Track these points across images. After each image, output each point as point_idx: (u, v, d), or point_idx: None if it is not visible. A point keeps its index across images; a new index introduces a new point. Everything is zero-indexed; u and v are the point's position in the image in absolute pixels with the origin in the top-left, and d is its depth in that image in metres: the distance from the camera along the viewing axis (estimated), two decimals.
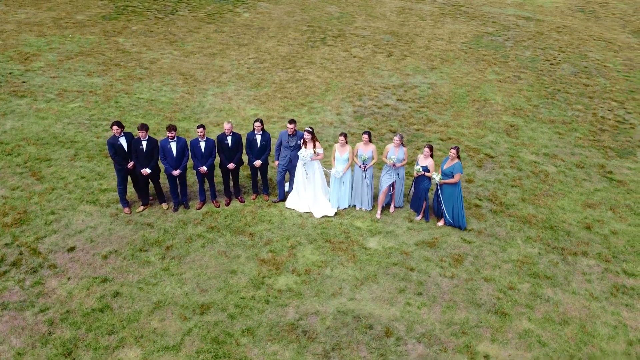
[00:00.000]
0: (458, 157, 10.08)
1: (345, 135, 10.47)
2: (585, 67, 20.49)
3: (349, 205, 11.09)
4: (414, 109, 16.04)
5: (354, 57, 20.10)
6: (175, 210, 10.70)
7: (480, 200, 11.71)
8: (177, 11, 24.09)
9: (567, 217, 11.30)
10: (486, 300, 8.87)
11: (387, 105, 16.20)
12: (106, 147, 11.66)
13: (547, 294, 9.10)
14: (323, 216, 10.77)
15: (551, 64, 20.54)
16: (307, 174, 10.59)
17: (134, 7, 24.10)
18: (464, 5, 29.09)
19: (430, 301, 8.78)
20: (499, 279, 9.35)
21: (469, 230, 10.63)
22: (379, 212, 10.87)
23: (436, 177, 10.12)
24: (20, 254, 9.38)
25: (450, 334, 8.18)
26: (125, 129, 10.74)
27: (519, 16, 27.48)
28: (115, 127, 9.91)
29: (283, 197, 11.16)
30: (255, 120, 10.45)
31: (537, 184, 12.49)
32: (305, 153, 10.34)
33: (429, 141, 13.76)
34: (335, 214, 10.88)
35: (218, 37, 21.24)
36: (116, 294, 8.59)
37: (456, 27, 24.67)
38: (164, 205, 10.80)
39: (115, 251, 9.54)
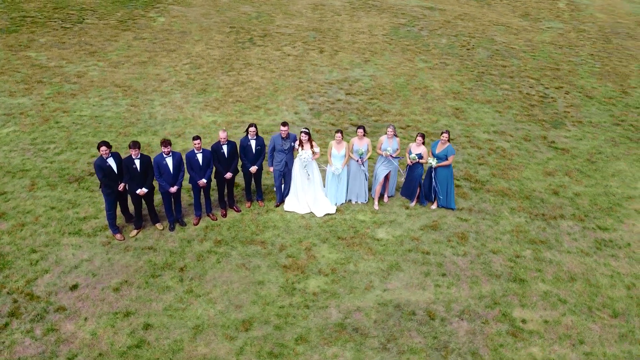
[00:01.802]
0: (448, 140, 10.65)
1: (341, 132, 10.57)
2: (497, 50, 22.40)
3: (346, 201, 11.21)
4: (365, 101, 16.50)
5: (289, 55, 20.11)
6: (172, 229, 10.11)
7: (457, 180, 12.43)
8: (84, 19, 22.31)
9: (535, 186, 12.43)
10: (502, 270, 9.54)
11: (339, 100, 16.48)
12: (64, 172, 10.75)
13: (547, 257, 10.00)
14: (325, 214, 10.79)
15: (467, 50, 22.15)
16: (309, 175, 10.54)
17: (33, 17, 21.91)
18: None
19: (455, 280, 9.26)
20: (504, 250, 10.09)
21: (460, 209, 11.29)
22: (376, 203, 11.15)
23: (432, 161, 10.61)
24: (15, 301, 8.32)
25: (484, 306, 8.71)
26: (79, 150, 10.00)
27: (422, 7, 29.17)
28: (103, 148, 9.11)
29: (281, 201, 11.00)
30: (250, 125, 10.18)
31: (499, 159, 13.54)
32: (305, 154, 10.28)
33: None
34: (336, 210, 10.94)
35: (141, 45, 20.06)
36: (147, 326, 7.98)
37: (372, 20, 25.61)
38: (159, 226, 10.15)
39: (126, 281, 8.82)
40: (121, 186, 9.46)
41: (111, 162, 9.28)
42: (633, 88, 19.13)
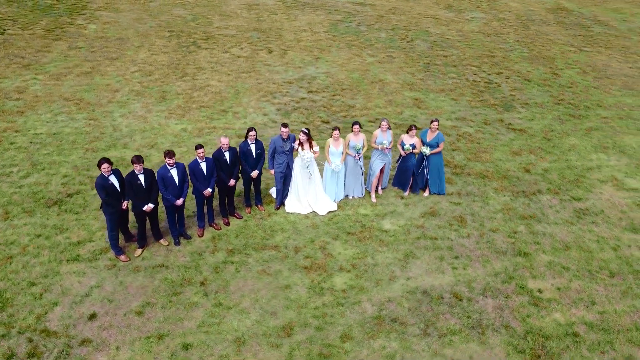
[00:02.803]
0: (437, 127, 11.11)
1: (339, 129, 10.66)
2: (434, 41, 23.47)
3: (344, 196, 11.34)
4: (329, 98, 16.67)
5: (238, 57, 19.80)
6: (178, 243, 9.71)
7: None
8: (5, 30, 20.51)
9: (507, 166, 13.28)
10: (506, 247, 10.15)
11: (303, 98, 16.53)
12: (38, 196, 10.03)
13: (539, 229, 10.78)
14: (328, 212, 10.86)
15: (408, 42, 23.02)
16: (310, 175, 10.54)
17: None
18: None
19: (468, 261, 9.72)
20: (502, 228, 10.73)
21: (450, 194, 11.82)
22: (373, 196, 11.39)
23: (426, 150, 11.01)
24: (31, 340, 7.63)
25: (502, 282, 9.25)
26: (47, 171, 9.46)
27: (353, 3, 29.81)
28: (105, 166, 8.55)
29: (281, 203, 10.91)
30: (250, 130, 10.00)
31: (469, 144, 14.30)
32: (307, 154, 10.27)
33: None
34: (337, 207, 11.05)
35: (79, 54, 18.83)
36: (186, 346, 7.65)
37: (310, 18, 25.80)
38: (163, 242, 9.70)
39: (147, 303, 8.37)
40: (124, 204, 8.92)
41: (113, 179, 8.72)
42: (561, 70, 20.88)
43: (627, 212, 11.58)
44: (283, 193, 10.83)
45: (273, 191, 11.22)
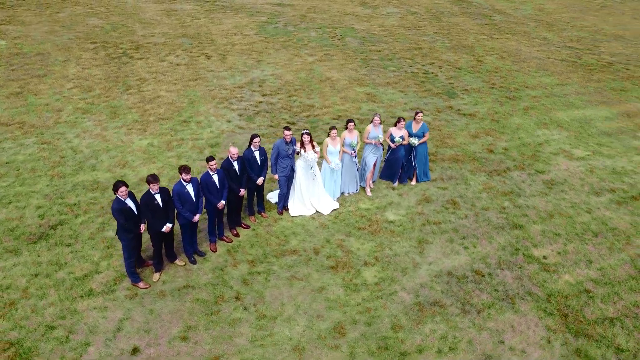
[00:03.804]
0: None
1: (336, 129, 10.81)
2: (363, 37, 24.27)
3: (340, 193, 11.54)
4: (285, 99, 16.69)
5: (178, 65, 19.09)
6: (194, 262, 9.33)
7: None
8: None
9: (473, 148, 14.25)
10: (502, 222, 10.97)
11: (260, 102, 16.40)
12: (16, 233, 9.22)
13: (522, 203, 11.76)
14: (332, 210, 10.99)
15: (339, 40, 23.59)
16: (315, 175, 10.59)
17: None
18: (210, 0, 29.80)
19: (474, 239, 10.39)
20: (491, 206, 11.56)
21: (434, 180, 12.47)
22: (368, 190, 11.70)
23: (415, 141, 11.52)
24: None
25: (510, 254, 10.01)
26: (16, 204, 8.92)
27: (271, 3, 29.84)
28: (122, 189, 7.99)
29: (283, 207, 10.85)
30: (254, 136, 9.82)
31: (432, 132, 15.10)
32: (311, 155, 10.32)
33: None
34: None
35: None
36: None
37: (234, 21, 25.45)
38: (179, 262, 9.27)
39: (189, 327, 8.00)
40: (142, 227, 8.40)
41: (130, 202, 8.17)
42: (482, 56, 22.60)
43: (584, 178, 12.97)
44: (286, 197, 10.75)
45: (271, 196, 11.10)
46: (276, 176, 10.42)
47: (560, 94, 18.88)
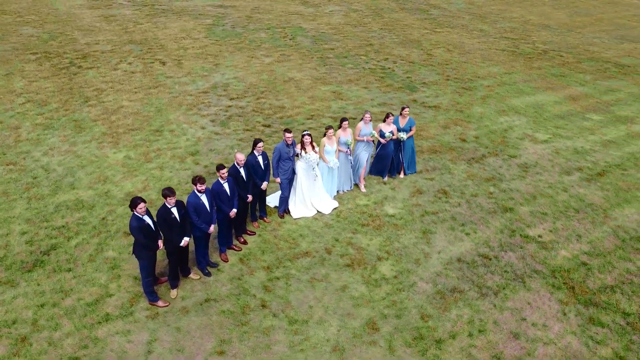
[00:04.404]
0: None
1: (333, 128, 10.87)
2: (313, 36, 24.42)
3: (337, 192, 11.64)
4: (254, 102, 16.53)
5: (133, 72, 18.34)
6: (209, 274, 9.09)
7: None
8: None
9: (446, 139, 14.82)
10: (492, 207, 11.53)
11: (230, 106, 16.14)
12: (5, 262, 8.63)
13: (505, 187, 12.40)
14: (333, 209, 11.07)
15: (290, 39, 23.60)
16: (316, 176, 10.61)
17: None
18: (154, 3, 28.86)
19: (474, 225, 10.86)
20: (479, 192, 12.11)
21: (420, 172, 12.87)
22: (362, 186, 11.88)
23: (403, 135, 11.83)
24: None
25: (509, 236, 10.56)
26: None
27: (213, 5, 29.29)
28: (141, 205, 7.64)
29: (284, 210, 10.80)
30: (258, 141, 9.68)
31: None
32: (313, 156, 10.33)
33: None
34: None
35: None
36: None
37: (180, 25, 24.76)
38: (194, 276, 9.00)
39: (222, 341, 7.81)
40: (160, 243, 8.08)
41: (147, 219, 7.83)
42: (431, 50, 23.46)
43: (552, 160, 13.87)
44: (287, 199, 10.69)
45: (269, 200, 10.99)
46: (278, 179, 10.33)
47: (509, 82, 19.98)
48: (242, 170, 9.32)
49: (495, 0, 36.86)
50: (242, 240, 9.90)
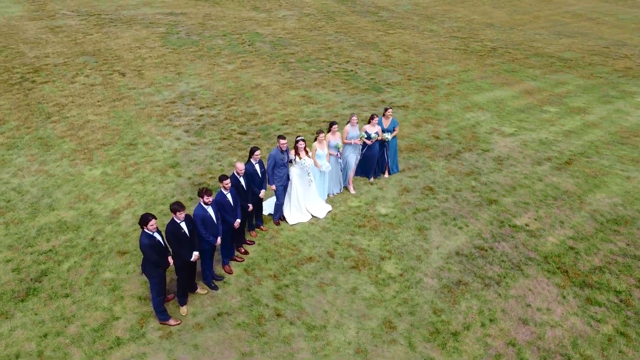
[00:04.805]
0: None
1: (323, 132, 10.92)
2: (271, 41, 24.38)
3: (328, 195, 11.70)
4: (225, 110, 16.31)
5: (92, 85, 17.64)
6: (216, 288, 8.91)
7: None
8: None
9: (420, 137, 15.22)
10: (477, 200, 11.95)
11: (201, 115, 15.85)
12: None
13: (485, 180, 12.88)
14: (327, 213, 11.12)
15: (249, 45, 23.45)
16: (311, 181, 10.61)
17: None
18: (101, 13, 27.86)
19: (464, 219, 11.21)
20: (462, 187, 12.51)
21: (403, 171, 13.15)
22: (351, 188, 12.00)
23: (388, 136, 12.06)
24: None
25: (498, 227, 10.98)
26: None
27: (162, 13, 28.60)
28: (153, 222, 7.38)
29: (280, 217, 10.74)
30: (255, 149, 9.58)
31: None
32: (308, 161, 10.33)
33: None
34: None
35: None
36: None
37: (132, 34, 24.04)
38: (201, 291, 8.79)
39: (244, 354, 7.68)
40: (170, 259, 7.84)
41: (157, 236, 7.58)
42: (388, 51, 23.99)
43: (522, 152, 14.54)
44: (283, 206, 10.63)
45: (264, 208, 10.89)
46: (273, 187, 10.25)
47: (467, 79, 20.74)
48: (242, 180, 9.18)
49: (439, 1, 38.13)
50: (243, 250, 9.75)
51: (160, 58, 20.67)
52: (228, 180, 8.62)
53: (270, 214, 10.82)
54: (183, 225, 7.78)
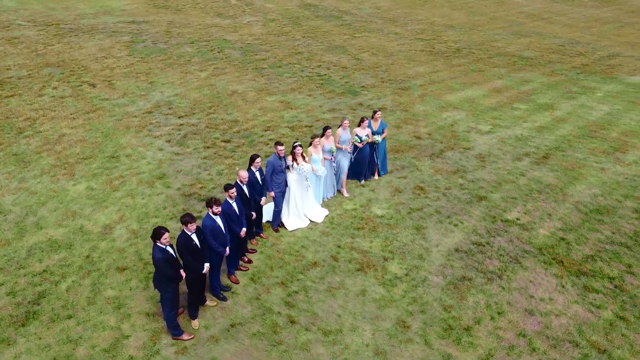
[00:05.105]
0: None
1: (318, 137, 10.94)
2: (240, 47, 24.22)
3: (322, 199, 11.72)
4: (205, 118, 16.09)
5: (62, 97, 17.04)
6: (225, 299, 8.79)
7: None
8: None
9: (403, 138, 15.46)
10: (467, 197, 12.25)
11: (181, 124, 15.58)
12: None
13: (471, 177, 13.22)
14: (324, 217, 11.15)
15: (219, 52, 23.22)
16: (309, 186, 10.61)
17: None
18: (59, 22, 26.95)
19: (458, 216, 11.47)
20: (451, 184, 12.79)
21: (391, 172, 13.34)
22: (344, 191, 12.08)
23: (378, 138, 12.21)
24: None
25: (491, 222, 11.29)
26: None
27: (124, 22, 27.93)
28: (166, 236, 7.21)
29: (278, 224, 10.70)
30: (255, 157, 9.51)
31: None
32: (306, 167, 10.33)
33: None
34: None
35: None
36: None
37: (96, 44, 23.37)
38: (211, 303, 8.64)
39: None
40: (182, 272, 7.68)
41: (170, 250, 7.41)
42: (358, 55, 24.26)
43: (502, 148, 15.01)
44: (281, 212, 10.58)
45: (263, 214, 10.80)
46: (272, 194, 10.18)
47: (438, 80, 21.23)
48: (244, 187, 9.08)
49: (399, 4, 38.85)
50: (247, 259, 9.64)
51: (129, 67, 20.16)
52: (234, 190, 8.51)
53: (268, 221, 10.73)
54: (194, 237, 7.63)
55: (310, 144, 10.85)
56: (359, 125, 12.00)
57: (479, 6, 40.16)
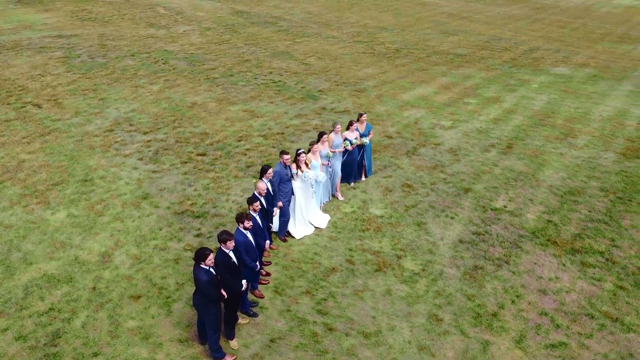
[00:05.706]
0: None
1: (316, 143, 10.96)
2: (185, 57, 23.54)
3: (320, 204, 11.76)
4: (172, 132, 15.53)
5: (8, 121, 15.73)
6: (256, 315, 8.61)
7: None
8: None
9: (375, 139, 15.76)
10: (454, 190, 12.79)
11: (149, 140, 14.92)
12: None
13: (450, 171, 13.80)
14: (327, 222, 11.19)
15: (164, 64, 22.44)
16: (314, 193, 10.60)
17: None
18: None
19: (451, 209, 11.95)
20: (435, 180, 13.30)
21: (375, 172, 13.64)
22: (339, 195, 12.19)
23: (366, 140, 12.44)
24: None
25: (483, 212, 11.88)
26: None
27: (50, 36, 26.19)
28: (210, 256, 6.96)
29: (285, 233, 10.62)
30: (267, 168, 9.37)
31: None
32: (310, 174, 10.32)
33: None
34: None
35: None
36: None
37: (27, 61, 21.75)
38: (242, 320, 8.41)
39: None
40: (223, 292, 7.43)
41: (212, 270, 7.16)
42: (304, 59, 24.43)
43: (468, 141, 15.79)
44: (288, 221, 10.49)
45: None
46: (280, 204, 10.06)
47: (388, 80, 21.90)
48: (263, 200, 8.92)
49: (328, 9, 39.46)
50: (265, 272, 9.45)
51: (72, 84, 18.94)
52: (258, 202, 8.33)
53: (274, 232, 10.57)
54: (231, 254, 7.39)
55: (309, 151, 10.82)
56: (347, 129, 12.12)
57: (403, 8, 41.76)
